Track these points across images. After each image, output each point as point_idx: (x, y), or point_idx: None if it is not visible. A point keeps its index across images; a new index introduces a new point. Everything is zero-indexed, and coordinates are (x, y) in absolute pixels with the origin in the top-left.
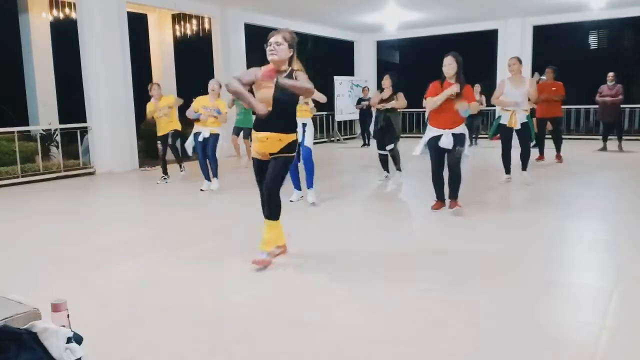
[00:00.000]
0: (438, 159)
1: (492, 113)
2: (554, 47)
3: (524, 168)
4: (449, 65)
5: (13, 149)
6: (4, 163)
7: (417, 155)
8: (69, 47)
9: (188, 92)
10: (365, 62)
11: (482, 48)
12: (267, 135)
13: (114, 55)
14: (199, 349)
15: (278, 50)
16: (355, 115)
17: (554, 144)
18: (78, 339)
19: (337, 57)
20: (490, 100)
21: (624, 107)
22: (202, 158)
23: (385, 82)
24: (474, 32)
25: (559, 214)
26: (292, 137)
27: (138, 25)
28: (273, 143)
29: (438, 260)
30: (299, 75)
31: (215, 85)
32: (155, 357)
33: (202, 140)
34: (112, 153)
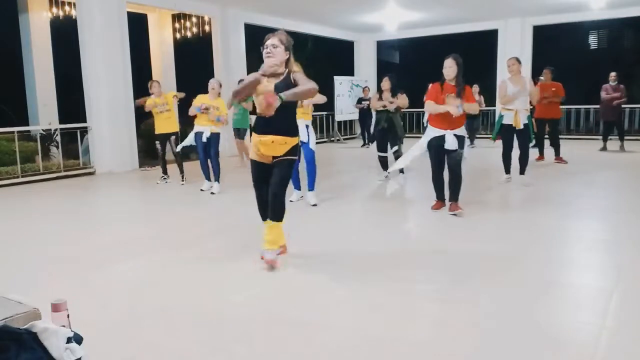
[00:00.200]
0: (438, 160)
1: (491, 113)
2: (554, 47)
3: (522, 172)
4: (450, 68)
5: (13, 149)
6: (4, 163)
7: (415, 159)
8: (69, 47)
9: (188, 92)
10: (365, 62)
11: (482, 48)
12: (272, 139)
13: (114, 55)
14: (199, 349)
15: (274, 53)
16: (355, 115)
17: (552, 147)
18: (78, 339)
19: (337, 57)
20: (497, 104)
21: (624, 107)
22: (202, 158)
23: (385, 84)
24: (474, 32)
25: (559, 214)
26: (296, 140)
27: (138, 25)
28: (278, 146)
29: (438, 260)
30: (298, 77)
31: (216, 84)
32: (155, 357)
33: (204, 141)
34: (112, 153)
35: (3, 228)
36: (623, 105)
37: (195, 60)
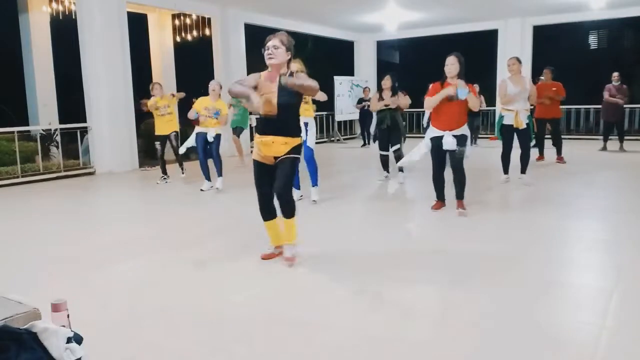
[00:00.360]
0: (439, 160)
1: (492, 113)
2: (554, 47)
3: (523, 171)
4: (452, 65)
5: (13, 149)
6: (4, 163)
7: (422, 156)
8: (69, 47)
9: (188, 92)
10: (365, 62)
11: (482, 48)
12: (273, 139)
13: (114, 55)
14: (199, 349)
15: (276, 54)
16: (355, 115)
17: (554, 146)
18: (78, 339)
19: (337, 57)
20: (497, 103)
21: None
22: (202, 158)
23: (386, 82)
24: (474, 32)
25: (559, 214)
26: (297, 140)
27: (138, 25)
28: (279, 147)
29: (438, 260)
30: (300, 76)
31: (216, 86)
32: (155, 357)
33: (210, 140)
34: (112, 153)
35: (3, 228)
36: (624, 106)
37: (195, 61)
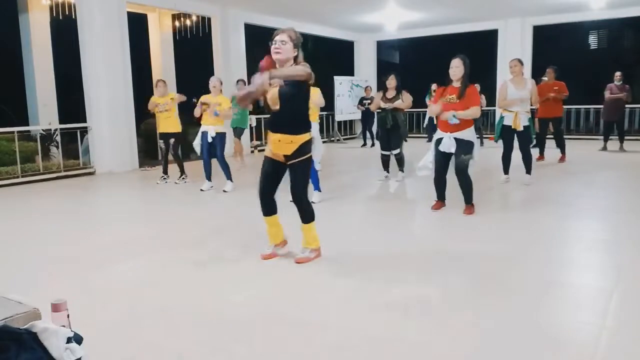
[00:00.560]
0: (440, 162)
1: (492, 113)
2: (554, 47)
3: (528, 172)
4: (456, 68)
5: (13, 149)
6: (4, 163)
7: (431, 166)
8: (69, 47)
9: (188, 92)
10: (365, 62)
11: (482, 48)
12: (279, 137)
13: (114, 55)
14: (199, 349)
15: (283, 49)
16: (355, 115)
17: (558, 146)
18: (78, 339)
19: (337, 57)
20: (496, 105)
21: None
22: (206, 157)
23: (391, 82)
24: (474, 32)
25: (559, 214)
26: (304, 137)
27: (138, 25)
28: (285, 145)
29: (438, 261)
30: (297, 67)
31: (217, 82)
32: (155, 357)
33: (209, 141)
34: (112, 153)
35: (3, 228)
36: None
37: (195, 60)
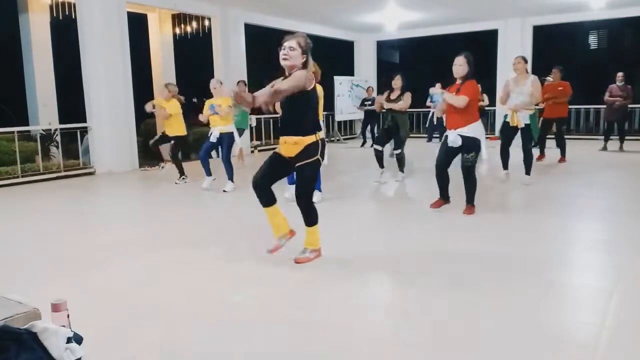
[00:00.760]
0: (443, 157)
1: (491, 113)
2: (554, 47)
3: (528, 172)
4: (460, 66)
5: (13, 149)
6: (4, 163)
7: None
8: (69, 47)
9: (188, 92)
10: (365, 62)
11: (482, 48)
12: (285, 139)
13: (114, 55)
14: (199, 349)
15: (291, 56)
16: (355, 115)
17: (558, 147)
18: (78, 339)
19: (337, 57)
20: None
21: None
22: (203, 154)
23: (397, 82)
24: (474, 32)
25: (559, 214)
26: (309, 139)
27: (138, 25)
28: (289, 147)
29: (438, 260)
30: (294, 74)
31: (216, 84)
32: (155, 357)
33: (215, 141)
34: (112, 153)
35: (3, 228)
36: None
37: (195, 60)
